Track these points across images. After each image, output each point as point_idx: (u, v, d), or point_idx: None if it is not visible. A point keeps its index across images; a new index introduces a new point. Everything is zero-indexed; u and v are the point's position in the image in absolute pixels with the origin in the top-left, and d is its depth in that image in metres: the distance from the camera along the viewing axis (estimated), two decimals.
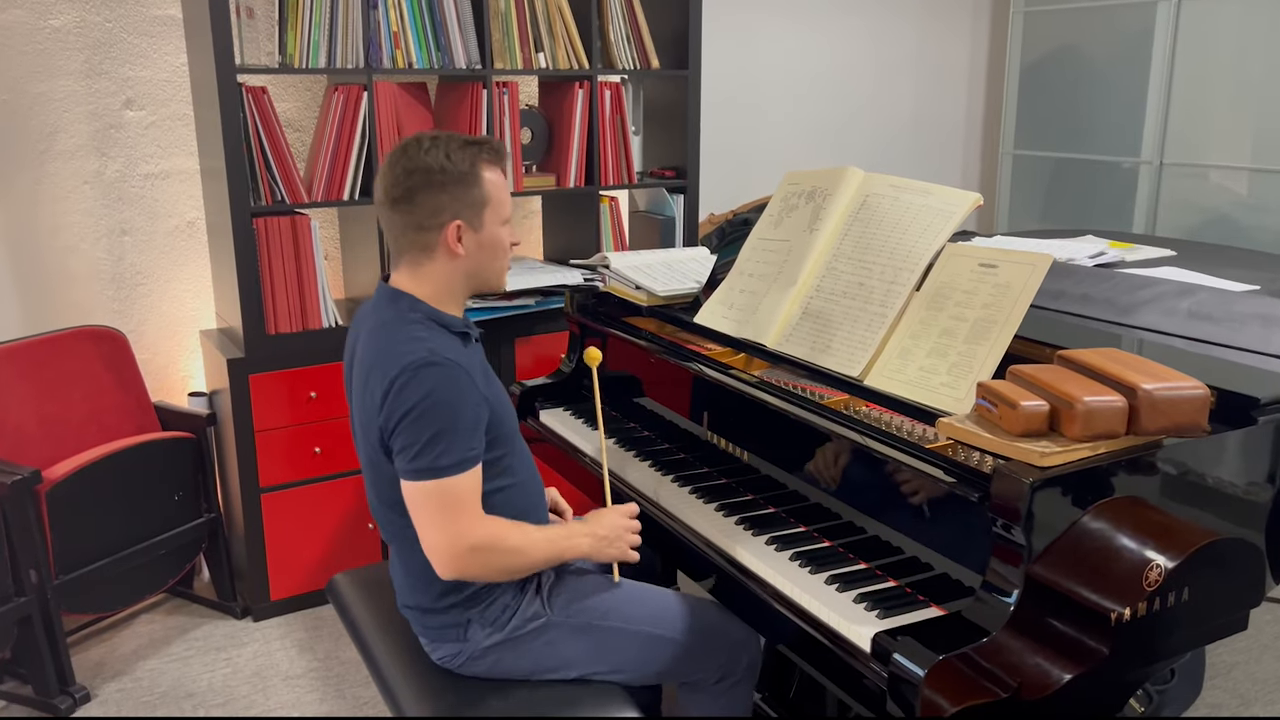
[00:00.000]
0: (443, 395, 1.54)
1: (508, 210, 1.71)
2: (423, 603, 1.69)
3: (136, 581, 2.75)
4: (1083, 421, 1.35)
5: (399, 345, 1.58)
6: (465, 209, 1.64)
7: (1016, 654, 1.39)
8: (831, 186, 2.05)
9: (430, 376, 1.54)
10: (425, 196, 1.62)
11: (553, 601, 1.71)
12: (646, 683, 1.77)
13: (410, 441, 1.54)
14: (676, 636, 1.74)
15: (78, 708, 2.48)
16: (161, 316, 3.10)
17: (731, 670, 1.79)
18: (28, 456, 2.56)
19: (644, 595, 1.77)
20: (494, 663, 1.68)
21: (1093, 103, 4.11)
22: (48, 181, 2.88)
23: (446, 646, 1.69)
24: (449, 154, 1.62)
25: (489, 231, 1.68)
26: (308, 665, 2.67)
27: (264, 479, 2.81)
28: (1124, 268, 2.44)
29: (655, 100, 3.45)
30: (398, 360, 1.56)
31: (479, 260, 1.69)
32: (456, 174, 1.62)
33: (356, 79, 2.76)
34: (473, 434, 1.57)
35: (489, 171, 1.66)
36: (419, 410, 1.53)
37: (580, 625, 1.70)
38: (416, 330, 1.61)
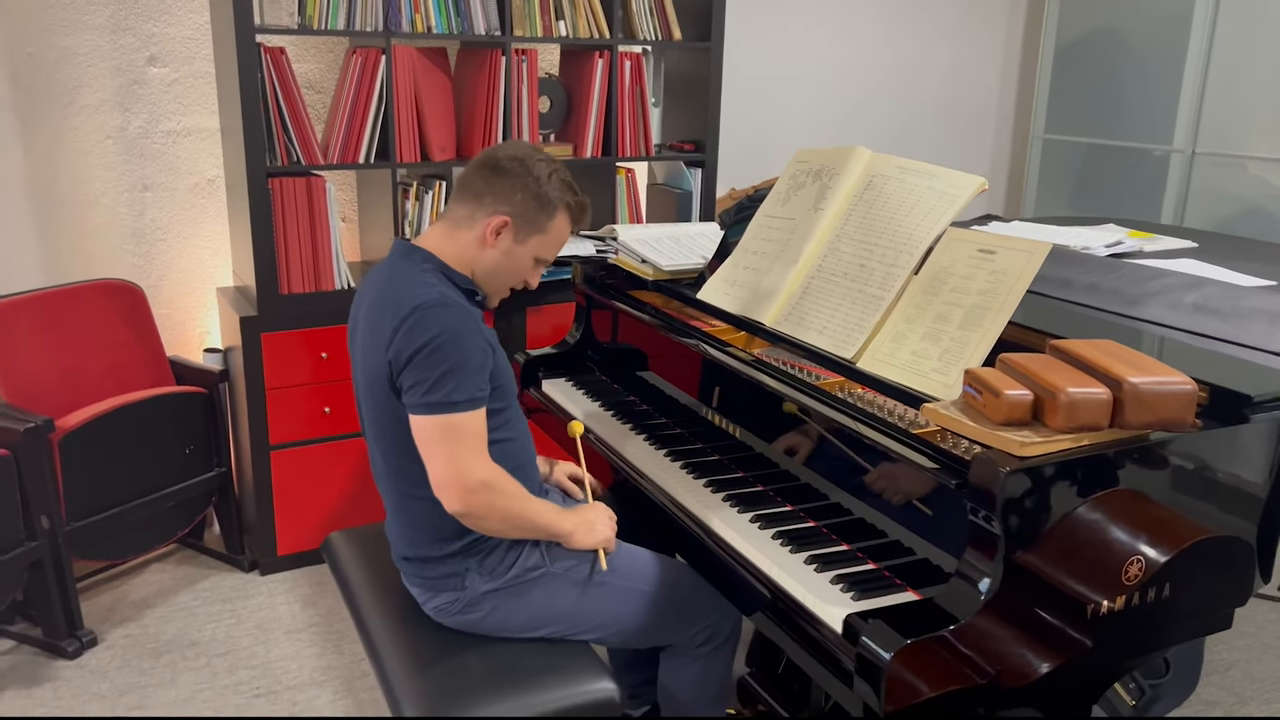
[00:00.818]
0: (453, 334, 1.60)
1: (551, 254, 1.81)
2: (422, 552, 1.72)
3: (146, 531, 2.81)
4: (1065, 412, 1.33)
5: (411, 288, 1.64)
6: (524, 218, 1.74)
7: (997, 641, 1.39)
8: (839, 166, 2.04)
9: (441, 316, 1.60)
10: (506, 182, 1.72)
11: (553, 554, 1.75)
12: (633, 643, 1.81)
13: (422, 378, 1.58)
14: (667, 598, 1.79)
15: (84, 651, 2.55)
16: (180, 272, 3.14)
17: (716, 634, 1.84)
18: (44, 405, 2.62)
19: (639, 557, 1.82)
20: (490, 610, 1.71)
21: (1126, 88, 4.03)
22: (71, 135, 2.91)
23: (444, 596, 1.72)
24: (551, 176, 1.75)
25: (523, 251, 1.76)
26: (309, 620, 2.72)
27: (274, 436, 2.85)
28: (1140, 258, 2.40)
29: (676, 72, 3.43)
30: (409, 300, 1.61)
31: (497, 264, 1.75)
32: (539, 192, 1.73)
33: (375, 42, 2.76)
34: (480, 374, 1.63)
35: (563, 216, 1.78)
36: (431, 347, 1.58)
37: (577, 579, 1.75)
38: (428, 278, 1.68)
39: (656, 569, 1.82)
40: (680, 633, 1.82)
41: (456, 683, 1.58)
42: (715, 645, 1.84)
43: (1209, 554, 1.51)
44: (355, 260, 3.31)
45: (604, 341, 2.49)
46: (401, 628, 1.72)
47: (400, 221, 2.92)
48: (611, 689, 1.61)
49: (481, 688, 1.57)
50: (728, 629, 1.85)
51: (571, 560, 1.76)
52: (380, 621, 1.75)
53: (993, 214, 3.65)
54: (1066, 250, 2.22)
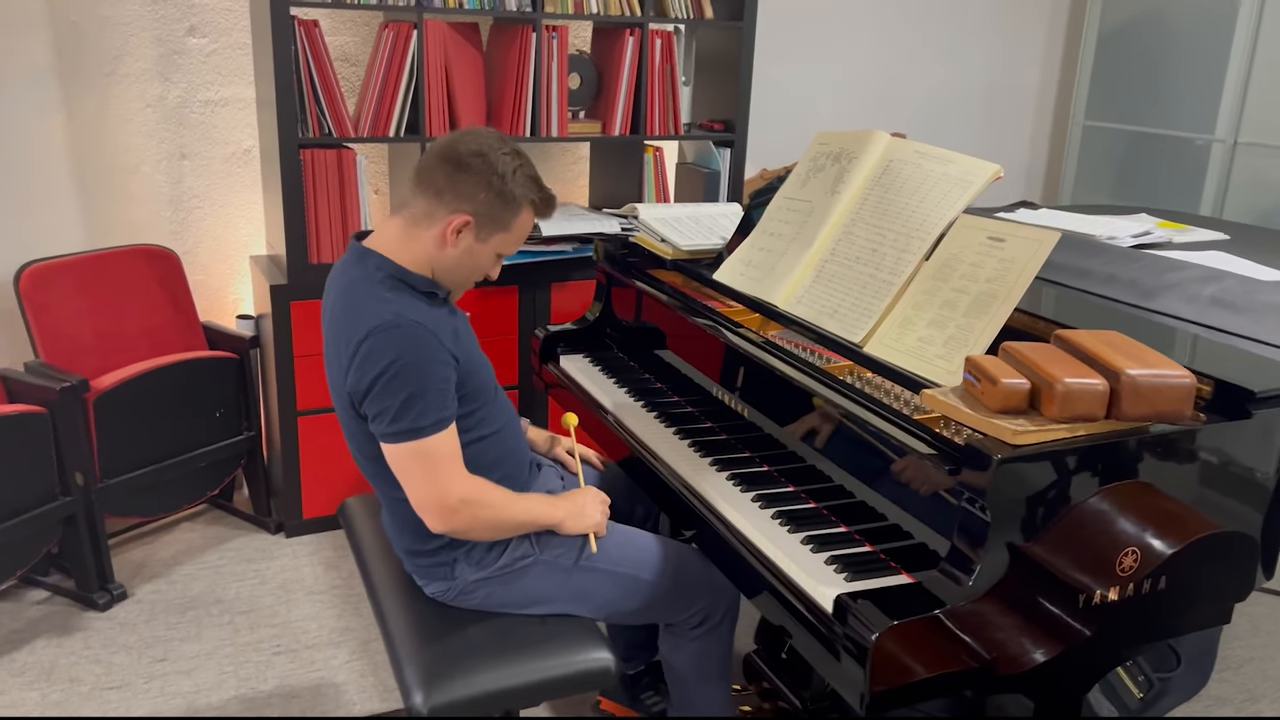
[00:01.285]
0: (410, 358, 1.56)
1: (511, 250, 1.75)
2: (411, 546, 1.75)
3: (176, 491, 2.90)
4: (1061, 402, 1.34)
5: (365, 307, 1.60)
6: (487, 218, 1.67)
7: (994, 627, 1.40)
8: (858, 149, 2.04)
9: (396, 339, 1.56)
10: (469, 179, 1.64)
11: (541, 541, 1.77)
12: (628, 622, 1.83)
13: (385, 406, 1.56)
14: (659, 580, 1.80)
15: (114, 604, 2.64)
16: (215, 240, 3.21)
17: (711, 614, 1.85)
18: (81, 366, 2.70)
19: (630, 539, 1.83)
20: (484, 597, 1.74)
21: (1169, 75, 3.95)
22: (113, 103, 2.98)
23: (437, 584, 1.75)
24: (516, 173, 1.67)
25: (485, 249, 1.71)
26: (331, 582, 2.79)
27: (301, 402, 2.92)
28: (1168, 249, 2.37)
29: (708, 50, 3.42)
30: (363, 323, 1.57)
31: (457, 263, 1.70)
32: (507, 192, 1.66)
33: (407, 17, 2.80)
34: (444, 393, 1.60)
35: (527, 212, 1.72)
36: (388, 375, 1.55)
37: (567, 566, 1.76)
38: (382, 291, 1.62)
39: (648, 553, 1.82)
40: (674, 614, 1.84)
41: (458, 649, 1.62)
42: (710, 626, 1.86)
43: (1213, 549, 1.51)
44: None
45: (623, 319, 2.51)
46: (408, 594, 1.77)
47: None
48: (608, 659, 1.65)
49: (482, 654, 1.61)
50: (722, 609, 1.86)
51: (560, 548, 1.77)
52: (389, 587, 1.80)
53: (1028, 201, 3.62)
54: (1088, 240, 2.21)
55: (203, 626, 2.57)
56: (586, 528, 1.77)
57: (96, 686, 2.33)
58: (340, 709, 2.29)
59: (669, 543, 1.86)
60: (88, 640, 2.50)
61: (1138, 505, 1.47)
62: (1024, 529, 1.37)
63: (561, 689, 1.63)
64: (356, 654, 2.48)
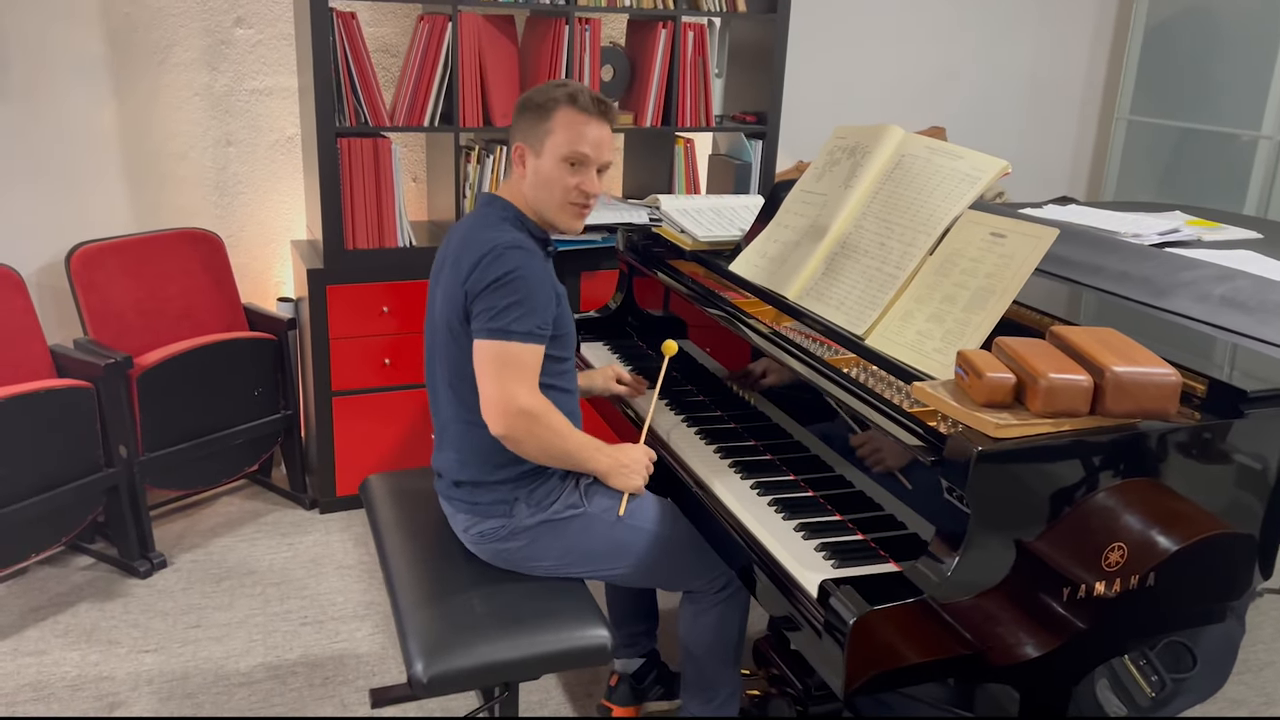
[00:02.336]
0: (524, 272, 1.74)
1: (568, 148, 1.82)
2: (476, 477, 1.84)
3: (215, 465, 3.01)
4: (1045, 397, 1.36)
5: (490, 231, 1.80)
6: (530, 135, 1.84)
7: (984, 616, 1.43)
8: (872, 144, 2.05)
9: (516, 256, 1.75)
10: (517, 119, 1.88)
11: (590, 496, 1.86)
12: (656, 584, 1.95)
13: (489, 305, 1.72)
14: (689, 545, 1.88)
15: (155, 572, 2.77)
16: (258, 224, 3.32)
17: (732, 580, 1.92)
18: (125, 343, 2.82)
19: (661, 505, 1.91)
20: (529, 541, 1.83)
21: (1216, 71, 3.88)
22: (163, 92, 3.10)
23: (491, 522, 1.83)
24: (539, 89, 1.86)
25: (546, 161, 1.83)
26: (359, 558, 2.88)
27: (336, 383, 3.01)
28: (1196, 248, 2.35)
29: (742, 42, 3.44)
30: (489, 240, 1.76)
31: (535, 186, 1.85)
32: (536, 104, 1.84)
33: (442, 9, 2.86)
34: (543, 313, 1.76)
35: (566, 110, 1.82)
36: (502, 280, 1.72)
37: (610, 521, 1.85)
38: (506, 226, 1.83)
39: (676, 517, 1.90)
40: (701, 575, 1.91)
41: (460, 620, 1.69)
42: (733, 590, 1.93)
43: (1210, 549, 1.52)
44: (421, 220, 3.44)
45: (644, 308, 2.56)
46: (421, 567, 1.84)
47: (461, 184, 3.03)
48: (605, 636, 1.70)
49: (484, 625, 1.68)
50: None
51: (608, 501, 1.86)
52: (402, 560, 1.87)
53: (1070, 196, 3.59)
54: (1104, 237, 2.20)
55: (236, 596, 2.68)
56: (626, 486, 1.85)
57: (133, 649, 2.44)
58: (360, 679, 2.37)
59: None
60: (127, 605, 2.62)
61: (1142, 503, 1.49)
62: (1007, 522, 1.39)
63: (559, 664, 1.69)
64: (380, 627, 2.57)
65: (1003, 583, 1.42)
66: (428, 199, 3.42)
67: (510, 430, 1.73)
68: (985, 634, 1.43)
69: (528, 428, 1.73)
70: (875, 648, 1.37)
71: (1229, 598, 1.60)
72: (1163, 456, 1.45)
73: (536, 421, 1.73)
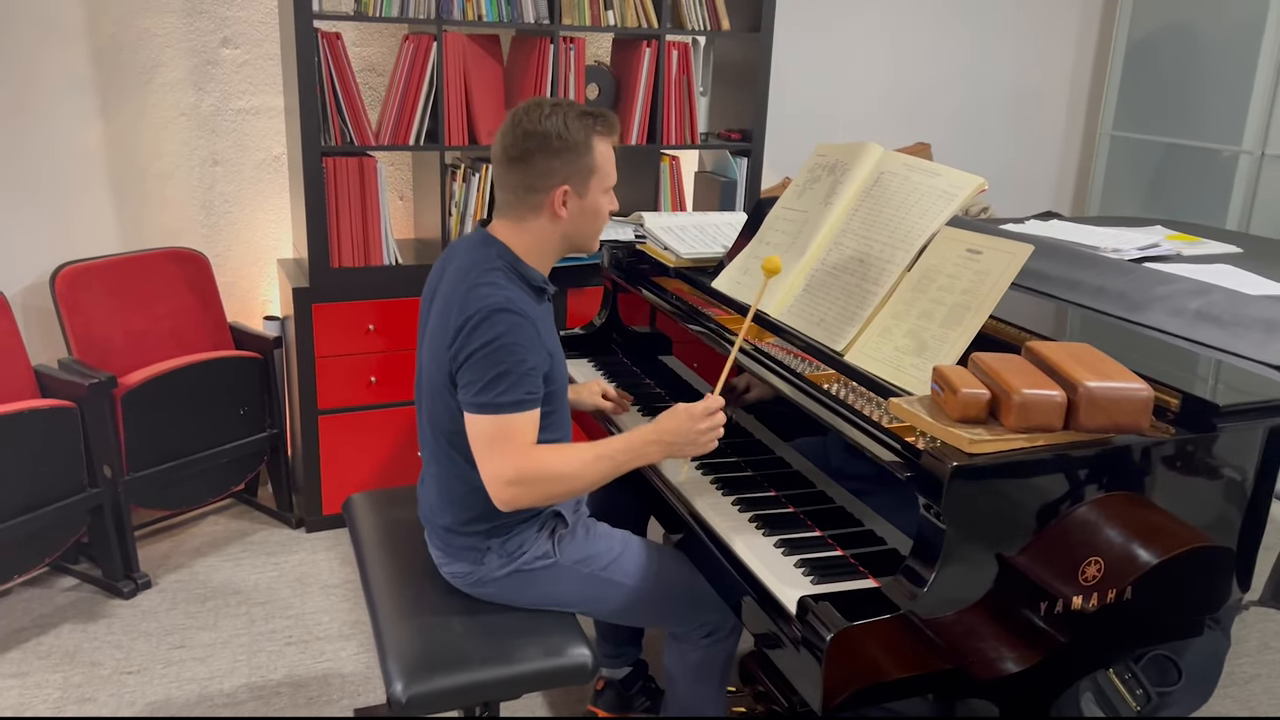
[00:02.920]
0: (510, 340, 1.65)
1: (612, 180, 1.80)
2: (450, 524, 1.81)
3: (201, 485, 3.01)
4: (1018, 412, 1.36)
5: (480, 287, 1.68)
6: (574, 175, 1.74)
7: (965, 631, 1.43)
8: (851, 161, 2.07)
9: (502, 321, 1.65)
10: (541, 160, 1.72)
11: (561, 547, 1.82)
12: (635, 625, 1.89)
13: (475, 378, 1.65)
14: (669, 595, 1.85)
15: (139, 592, 2.75)
16: (245, 243, 3.33)
17: (718, 629, 1.90)
18: (110, 363, 2.82)
19: (646, 554, 1.87)
20: (498, 590, 1.81)
21: (1197, 87, 3.92)
22: (149, 112, 3.11)
23: (461, 565, 1.81)
24: (566, 123, 1.71)
25: (592, 198, 1.78)
26: (345, 577, 2.88)
27: (322, 401, 3.01)
28: (1176, 262, 2.37)
29: (726, 60, 3.47)
30: (476, 301, 1.66)
31: (578, 224, 1.79)
32: (571, 142, 1.72)
33: (427, 29, 2.88)
34: (533, 380, 1.67)
35: (600, 143, 1.76)
36: (487, 350, 1.64)
37: (584, 574, 1.82)
38: (497, 277, 1.70)
39: (662, 568, 1.86)
40: (681, 625, 1.89)
41: (441, 639, 1.69)
42: (717, 638, 1.91)
43: (1188, 563, 1.52)
44: (408, 238, 3.45)
45: (628, 325, 2.56)
46: (401, 587, 1.84)
47: (447, 202, 3.04)
48: (586, 655, 1.70)
49: (463, 644, 1.67)
50: (729, 624, 1.90)
51: (580, 554, 1.83)
52: (383, 580, 1.87)
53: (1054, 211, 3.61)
54: (1082, 252, 2.21)
55: (220, 616, 2.67)
56: (693, 454, 1.75)
57: (116, 671, 2.43)
58: (345, 699, 2.36)
59: (683, 558, 1.87)
60: (111, 626, 2.61)
61: (1116, 517, 1.49)
62: (983, 537, 1.39)
63: (539, 683, 1.68)
64: (364, 647, 2.56)
65: (983, 598, 1.43)
66: (414, 217, 3.43)
67: (512, 502, 1.68)
68: (966, 649, 1.44)
69: (528, 494, 1.67)
70: (854, 663, 1.38)
71: (1208, 610, 1.61)
72: (1137, 470, 1.46)
73: (535, 486, 1.67)
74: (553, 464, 1.69)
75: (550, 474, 1.68)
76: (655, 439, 1.73)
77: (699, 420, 1.72)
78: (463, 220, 3.07)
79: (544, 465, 1.68)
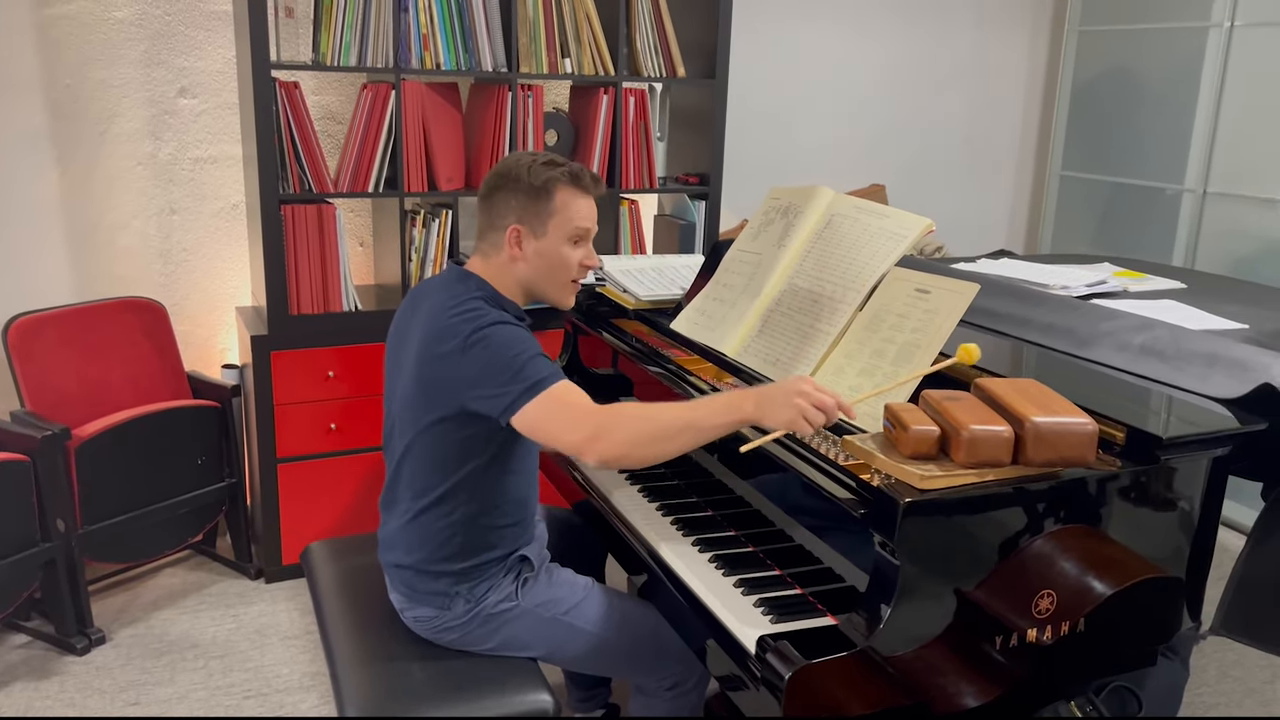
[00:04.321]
0: (511, 335, 1.67)
1: (578, 230, 1.82)
2: (418, 563, 1.78)
3: (157, 537, 2.96)
4: (967, 448, 1.39)
5: (468, 312, 1.70)
6: (529, 216, 1.79)
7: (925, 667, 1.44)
8: (804, 204, 2.11)
9: (503, 330, 1.68)
10: (500, 197, 1.80)
11: (524, 591, 1.82)
12: (599, 674, 1.87)
13: (497, 380, 1.64)
14: (632, 645, 1.85)
15: (93, 648, 2.69)
16: (203, 292, 3.31)
17: (683, 681, 1.90)
18: (66, 415, 2.78)
19: (609, 602, 1.87)
20: (460, 636, 1.79)
21: (1141, 127, 4.04)
22: (105, 162, 3.10)
23: (425, 610, 1.79)
24: (530, 168, 1.79)
25: (550, 242, 1.80)
26: (306, 627, 2.83)
27: (281, 450, 2.98)
28: (1123, 298, 2.43)
29: (682, 105, 3.53)
30: (470, 322, 1.68)
31: (537, 268, 1.81)
32: (527, 184, 1.78)
33: (385, 78, 2.91)
34: (549, 361, 1.67)
35: (564, 191, 1.80)
36: (499, 353, 1.65)
37: (546, 618, 1.81)
38: (483, 305, 1.73)
39: (627, 617, 1.85)
40: (646, 676, 1.89)
41: (400, 685, 1.67)
42: (682, 690, 1.90)
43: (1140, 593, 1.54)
44: (368, 284, 3.45)
45: (589, 367, 2.58)
46: (360, 634, 1.82)
47: (408, 248, 3.05)
48: (548, 701, 1.69)
49: (423, 692, 1.66)
50: (695, 677, 1.90)
51: (543, 598, 1.82)
52: (342, 627, 1.85)
53: (1007, 249, 3.68)
54: (1031, 290, 2.26)
55: (177, 671, 2.61)
56: (785, 420, 1.55)
57: None
58: None
59: (650, 608, 1.87)
60: (63, 684, 2.55)
61: (1068, 550, 1.51)
62: (938, 572, 1.41)
63: None
64: (325, 698, 2.52)
65: (942, 633, 1.44)
66: (374, 262, 3.44)
67: (605, 456, 1.60)
68: (926, 684, 1.44)
69: (617, 442, 1.59)
70: (814, 701, 1.38)
71: (1160, 640, 1.63)
72: (1085, 503, 1.49)
73: (618, 430, 1.59)
74: (626, 408, 1.66)
75: (627, 415, 1.63)
76: (750, 390, 1.61)
77: (811, 394, 1.54)
78: (423, 265, 3.07)
79: (617, 409, 1.65)
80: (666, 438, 1.60)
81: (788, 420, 1.54)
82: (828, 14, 4.05)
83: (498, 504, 1.79)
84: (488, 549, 1.79)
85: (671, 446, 1.62)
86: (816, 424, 1.54)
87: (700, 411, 1.60)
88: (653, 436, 1.61)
